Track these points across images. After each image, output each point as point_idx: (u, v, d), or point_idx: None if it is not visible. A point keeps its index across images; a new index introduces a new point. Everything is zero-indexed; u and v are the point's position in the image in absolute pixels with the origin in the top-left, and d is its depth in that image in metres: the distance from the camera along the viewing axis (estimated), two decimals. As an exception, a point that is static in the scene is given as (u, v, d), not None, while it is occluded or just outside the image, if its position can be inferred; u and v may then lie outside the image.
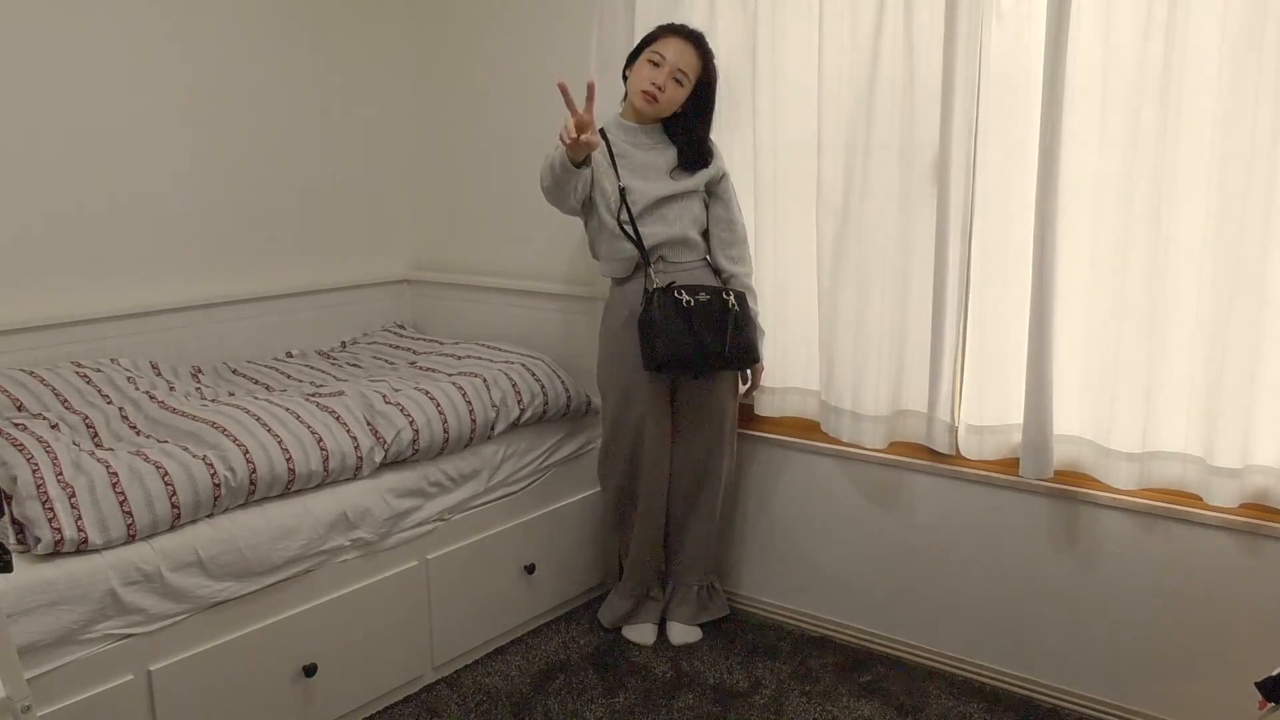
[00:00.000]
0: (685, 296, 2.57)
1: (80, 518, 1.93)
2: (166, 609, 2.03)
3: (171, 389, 2.62)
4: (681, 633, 2.87)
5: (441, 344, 3.19)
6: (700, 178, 2.67)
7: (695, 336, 2.55)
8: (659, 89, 2.56)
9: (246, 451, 2.20)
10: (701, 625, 2.92)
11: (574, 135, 2.33)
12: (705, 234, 2.73)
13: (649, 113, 2.62)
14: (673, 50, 2.57)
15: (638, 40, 2.70)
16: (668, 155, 2.67)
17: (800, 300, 2.85)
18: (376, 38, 3.45)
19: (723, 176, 2.72)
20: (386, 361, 3.07)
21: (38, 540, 1.89)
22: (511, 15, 3.26)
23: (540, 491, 2.90)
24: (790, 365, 2.90)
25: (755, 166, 2.81)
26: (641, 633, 2.86)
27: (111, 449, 2.19)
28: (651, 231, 2.63)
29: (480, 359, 2.93)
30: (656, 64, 2.57)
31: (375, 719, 2.49)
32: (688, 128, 2.67)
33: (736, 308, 2.62)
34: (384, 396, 2.55)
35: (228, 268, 3.09)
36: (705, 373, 2.68)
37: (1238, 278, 2.16)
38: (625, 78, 2.68)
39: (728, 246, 2.72)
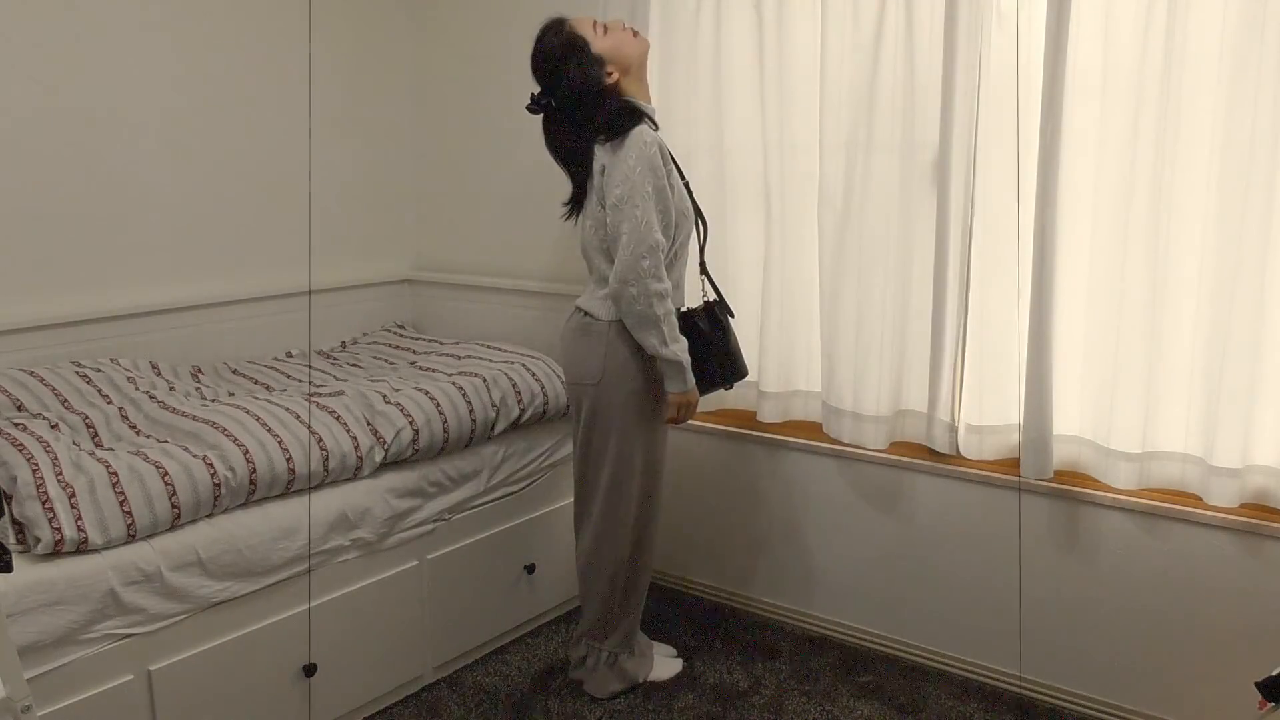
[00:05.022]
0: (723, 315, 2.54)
1: (80, 517, 1.93)
2: (166, 609, 2.03)
3: (171, 389, 2.62)
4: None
5: (441, 344, 3.19)
6: None
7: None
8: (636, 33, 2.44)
9: (246, 451, 2.20)
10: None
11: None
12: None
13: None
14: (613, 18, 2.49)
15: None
16: None
17: (803, 301, 2.84)
18: (377, 38, 3.45)
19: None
20: (386, 361, 3.07)
21: (38, 540, 1.89)
22: (512, 15, 3.26)
23: (540, 491, 2.89)
24: (794, 367, 2.89)
25: (764, 165, 2.81)
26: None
27: (111, 449, 2.19)
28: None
29: (480, 359, 2.93)
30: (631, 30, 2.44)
31: (375, 719, 2.49)
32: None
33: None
34: (384, 396, 2.55)
35: (228, 268, 3.09)
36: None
37: (1238, 277, 2.17)
38: (606, 75, 2.34)
39: None
